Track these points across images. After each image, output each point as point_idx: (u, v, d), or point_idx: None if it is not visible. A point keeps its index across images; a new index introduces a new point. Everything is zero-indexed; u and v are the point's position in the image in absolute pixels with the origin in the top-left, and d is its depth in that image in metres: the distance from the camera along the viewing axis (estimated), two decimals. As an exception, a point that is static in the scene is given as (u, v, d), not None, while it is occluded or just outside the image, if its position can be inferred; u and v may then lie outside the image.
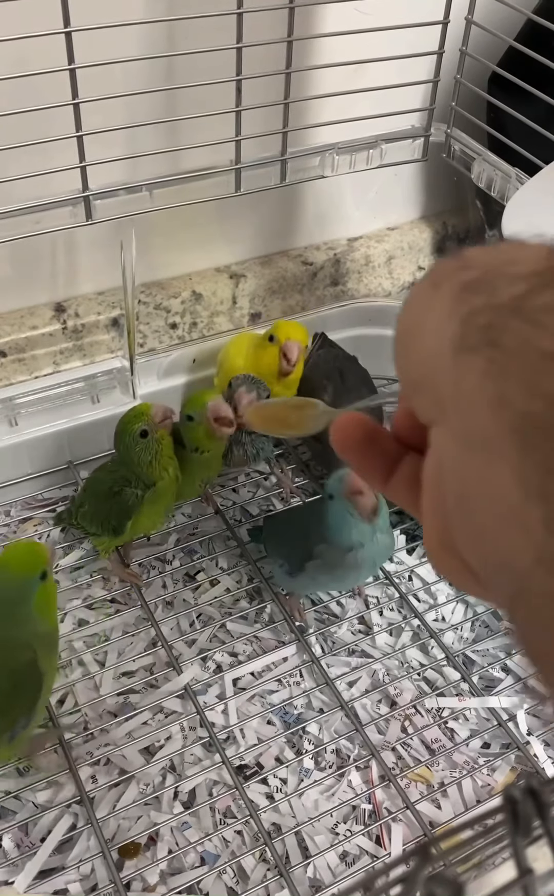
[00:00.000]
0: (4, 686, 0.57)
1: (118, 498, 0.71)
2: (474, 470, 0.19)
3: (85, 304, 0.88)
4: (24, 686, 0.58)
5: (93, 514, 0.74)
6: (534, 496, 0.17)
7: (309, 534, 0.68)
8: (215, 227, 0.92)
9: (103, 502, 0.72)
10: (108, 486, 0.72)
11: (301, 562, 0.69)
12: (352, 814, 0.64)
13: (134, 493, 0.71)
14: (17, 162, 0.63)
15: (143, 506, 0.72)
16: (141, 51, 0.66)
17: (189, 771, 0.66)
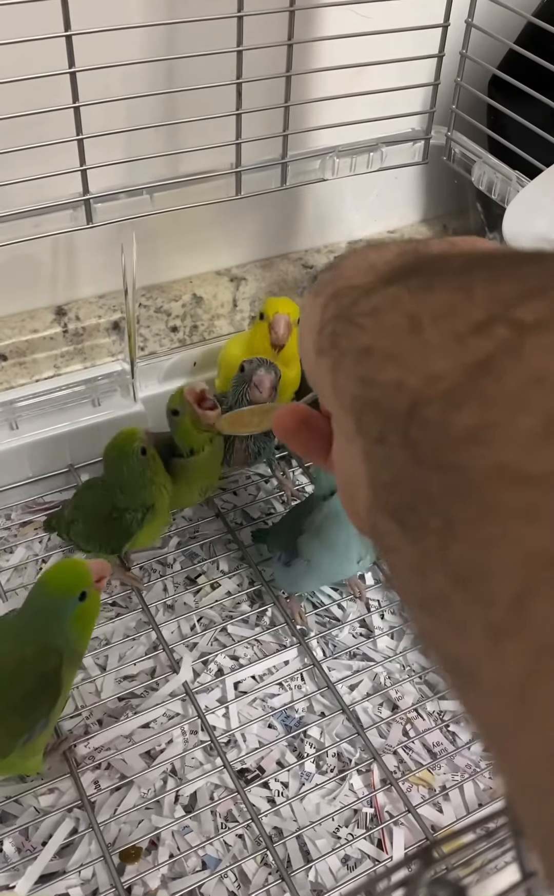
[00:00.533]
0: (31, 688, 0.58)
1: (118, 523, 0.71)
2: (339, 447, 0.23)
3: (85, 308, 0.88)
4: (48, 690, 0.59)
5: (88, 534, 0.73)
6: (364, 461, 0.21)
7: (300, 519, 0.69)
8: (216, 230, 0.92)
9: (101, 525, 0.72)
10: (107, 511, 0.71)
11: (294, 546, 0.69)
12: (353, 818, 0.64)
13: (134, 518, 0.71)
14: (17, 165, 0.63)
15: (142, 528, 0.71)
16: (141, 54, 0.66)
17: (190, 775, 0.65)
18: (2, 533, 0.84)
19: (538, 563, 0.15)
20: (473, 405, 0.17)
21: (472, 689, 0.17)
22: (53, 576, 0.61)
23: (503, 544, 0.16)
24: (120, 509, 0.71)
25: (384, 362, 0.20)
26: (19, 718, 0.58)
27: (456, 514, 0.17)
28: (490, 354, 0.18)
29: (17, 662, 0.59)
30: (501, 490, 0.16)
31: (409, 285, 0.21)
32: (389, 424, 0.20)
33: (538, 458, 0.16)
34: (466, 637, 0.17)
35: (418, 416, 0.19)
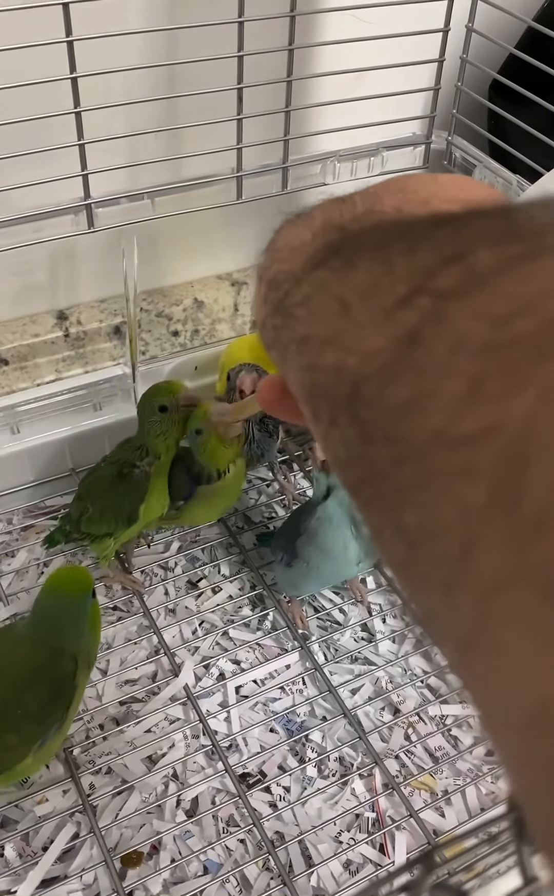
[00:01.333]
0: (47, 694, 0.59)
1: (127, 480, 0.71)
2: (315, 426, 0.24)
3: (87, 312, 0.88)
4: (63, 695, 0.59)
5: (101, 513, 0.73)
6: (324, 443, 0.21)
7: (300, 521, 0.69)
8: (217, 235, 0.92)
9: (110, 494, 0.72)
10: (114, 473, 0.72)
11: (294, 546, 0.69)
12: (355, 822, 0.64)
13: (143, 471, 0.71)
14: (18, 170, 0.63)
15: (151, 482, 0.72)
16: (142, 59, 0.66)
17: (192, 779, 0.65)
18: (3, 537, 0.84)
19: (476, 517, 0.16)
20: (406, 377, 0.18)
21: (444, 645, 0.18)
22: (64, 577, 0.63)
23: (445, 505, 0.17)
24: (128, 467, 0.71)
25: (323, 348, 0.21)
26: (34, 725, 0.58)
27: (404, 483, 0.18)
28: (416, 325, 0.18)
29: (33, 668, 0.59)
30: (438, 454, 0.17)
31: (332, 267, 0.22)
32: (337, 407, 0.20)
33: (465, 418, 0.17)
34: (430, 595, 0.17)
35: (360, 396, 0.19)
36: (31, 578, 0.80)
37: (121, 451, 0.74)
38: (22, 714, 0.58)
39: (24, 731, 0.58)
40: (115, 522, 0.73)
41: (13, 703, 0.58)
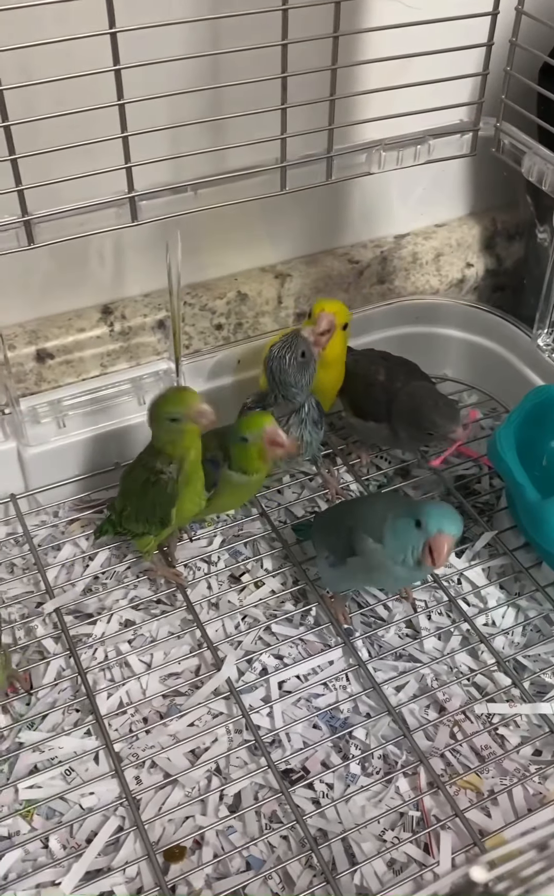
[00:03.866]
0: None
1: (156, 487, 0.71)
2: None
3: (131, 306, 0.88)
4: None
5: (136, 513, 0.74)
6: None
7: (359, 530, 0.67)
8: (260, 227, 0.91)
9: (142, 497, 0.72)
10: (144, 478, 0.72)
11: (344, 555, 0.68)
12: (399, 821, 0.63)
13: (170, 478, 0.70)
14: (62, 164, 0.63)
15: (180, 486, 0.71)
16: (185, 50, 0.66)
17: (235, 774, 0.65)
18: (49, 530, 0.85)
19: None
20: None
21: None
22: None
23: None
24: (156, 473, 0.71)
25: None
26: None
27: None
28: None
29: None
30: None
31: None
32: None
33: None
34: None
35: None
36: (77, 571, 0.80)
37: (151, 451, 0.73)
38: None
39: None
40: (149, 524, 0.73)
41: None
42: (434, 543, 0.62)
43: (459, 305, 0.97)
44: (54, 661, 0.73)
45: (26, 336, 0.84)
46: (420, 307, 0.97)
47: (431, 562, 0.62)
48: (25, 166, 0.62)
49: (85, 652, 0.73)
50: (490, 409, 0.97)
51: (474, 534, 0.82)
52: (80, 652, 0.73)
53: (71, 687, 0.71)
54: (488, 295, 1.07)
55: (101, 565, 0.81)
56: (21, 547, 0.83)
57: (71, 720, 0.69)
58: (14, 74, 0.58)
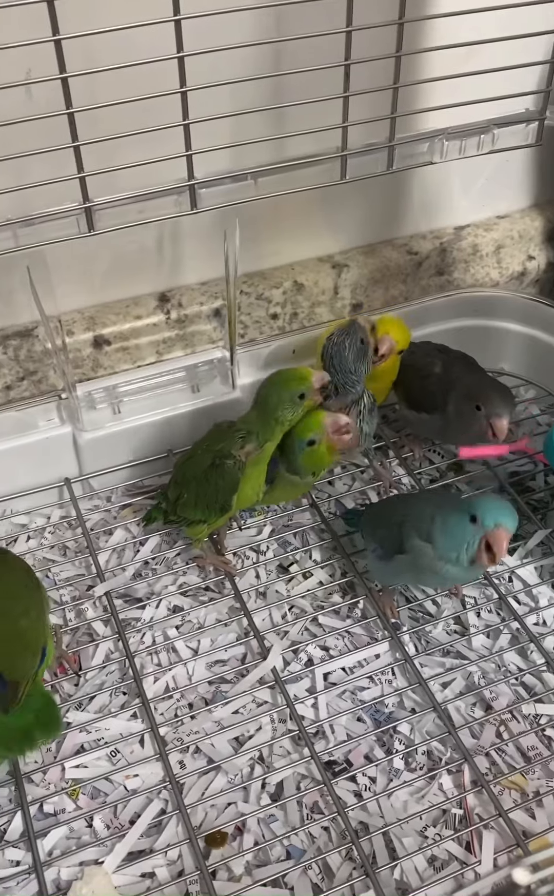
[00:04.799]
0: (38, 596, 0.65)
1: (219, 471, 0.71)
2: None
3: (188, 294, 0.88)
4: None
5: (195, 500, 0.74)
6: None
7: (407, 526, 0.66)
8: (319, 216, 0.91)
9: (203, 482, 0.73)
10: (208, 462, 0.72)
11: (392, 551, 0.67)
12: (442, 818, 0.63)
13: (238, 463, 0.71)
14: (123, 151, 0.63)
15: (247, 472, 0.71)
16: (249, 37, 0.65)
17: (277, 763, 0.65)
18: (102, 514, 0.86)
19: None
20: None
21: None
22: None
23: None
24: (220, 457, 0.71)
25: None
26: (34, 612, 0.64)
27: None
28: None
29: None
30: None
31: None
32: None
33: None
34: None
35: None
36: (128, 556, 0.81)
37: (217, 438, 0.74)
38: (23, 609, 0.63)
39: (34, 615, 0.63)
40: (208, 510, 0.73)
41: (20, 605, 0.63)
42: (492, 538, 0.61)
43: (519, 298, 0.95)
44: (103, 643, 0.74)
45: (84, 322, 0.85)
46: (479, 300, 0.95)
47: (488, 559, 0.61)
48: (86, 153, 0.62)
49: (133, 636, 0.74)
50: (547, 405, 0.96)
51: (527, 531, 0.81)
52: (129, 636, 0.73)
53: (119, 670, 0.72)
54: (550, 288, 1.05)
55: (152, 551, 0.81)
56: (74, 530, 0.84)
57: (118, 702, 0.70)
58: (79, 62, 0.58)
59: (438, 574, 0.65)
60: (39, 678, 0.62)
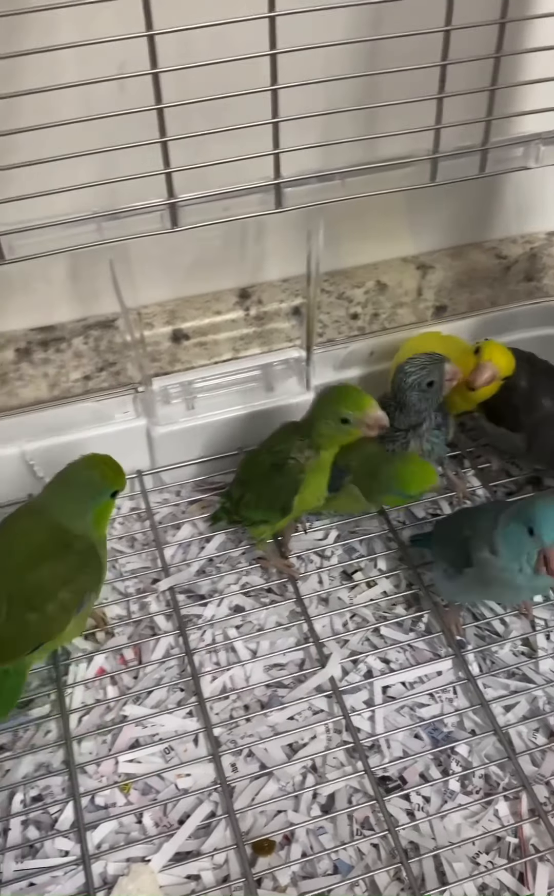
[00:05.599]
0: (75, 563, 0.65)
1: (282, 471, 0.71)
2: None
3: (269, 291, 0.87)
4: (90, 563, 0.66)
5: (257, 500, 0.73)
6: None
7: (475, 539, 0.65)
8: (405, 216, 0.89)
9: (265, 482, 0.72)
10: (270, 463, 0.72)
11: (461, 566, 0.65)
12: (495, 845, 0.61)
13: (298, 465, 0.70)
14: (210, 147, 0.63)
15: (307, 475, 0.71)
16: (345, 35, 0.63)
17: (330, 775, 0.64)
18: (171, 509, 0.86)
19: None
20: None
21: None
22: (94, 467, 0.68)
23: None
24: (283, 458, 0.70)
25: None
26: (70, 594, 0.64)
27: None
28: None
29: (55, 541, 0.65)
30: None
31: None
32: None
33: None
34: None
35: None
36: (193, 552, 0.81)
37: (281, 438, 0.73)
38: (58, 584, 0.63)
39: (62, 599, 0.63)
40: (269, 511, 0.73)
41: (47, 575, 0.64)
42: (551, 553, 0.59)
43: None
44: (164, 638, 0.74)
45: (164, 316, 0.85)
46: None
47: (547, 571, 0.59)
48: (174, 149, 0.62)
49: (193, 633, 0.74)
50: None
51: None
52: (189, 632, 0.73)
53: (177, 666, 0.72)
54: None
55: (217, 548, 0.81)
56: (143, 523, 0.84)
57: (174, 699, 0.70)
58: (171, 58, 0.58)
59: (504, 586, 0.63)
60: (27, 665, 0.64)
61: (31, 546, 0.65)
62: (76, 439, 0.82)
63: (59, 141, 0.59)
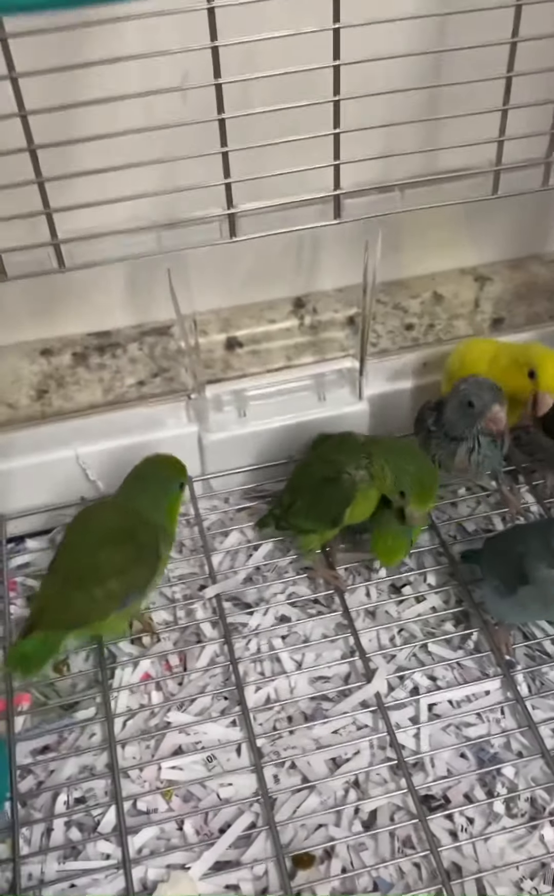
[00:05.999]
0: (131, 553, 0.67)
1: (335, 485, 0.70)
2: None
3: (323, 301, 0.87)
4: (146, 560, 0.68)
5: (307, 509, 0.73)
6: None
7: (530, 556, 0.63)
8: (464, 227, 0.88)
9: (317, 493, 0.72)
10: (322, 474, 0.71)
11: (515, 584, 0.64)
12: (541, 871, 0.59)
13: (351, 479, 0.70)
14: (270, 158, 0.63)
15: (360, 490, 0.70)
16: (408, 47, 0.63)
17: (373, 791, 0.64)
18: (219, 515, 0.86)
19: None
20: None
21: None
22: (161, 462, 0.73)
23: None
24: (337, 470, 0.70)
25: None
26: (119, 584, 0.66)
27: None
28: None
29: (120, 531, 0.68)
30: None
31: None
32: None
33: None
34: None
35: None
36: (240, 560, 0.81)
37: (336, 448, 0.73)
38: (110, 571, 0.66)
39: (109, 587, 0.65)
40: (318, 521, 0.72)
41: (104, 560, 0.66)
42: None
43: None
44: (210, 646, 0.74)
45: (219, 323, 0.86)
46: None
47: None
48: (234, 159, 0.62)
49: (239, 641, 0.74)
50: None
51: None
52: (235, 641, 0.73)
53: (222, 674, 0.72)
54: None
55: (264, 557, 0.81)
56: (192, 529, 0.85)
57: (218, 707, 0.70)
58: (235, 68, 0.58)
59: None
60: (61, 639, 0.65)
61: (102, 530, 0.69)
62: (129, 444, 0.83)
63: (120, 151, 0.60)
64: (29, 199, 0.61)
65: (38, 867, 0.61)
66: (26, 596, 0.80)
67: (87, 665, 0.73)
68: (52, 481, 0.84)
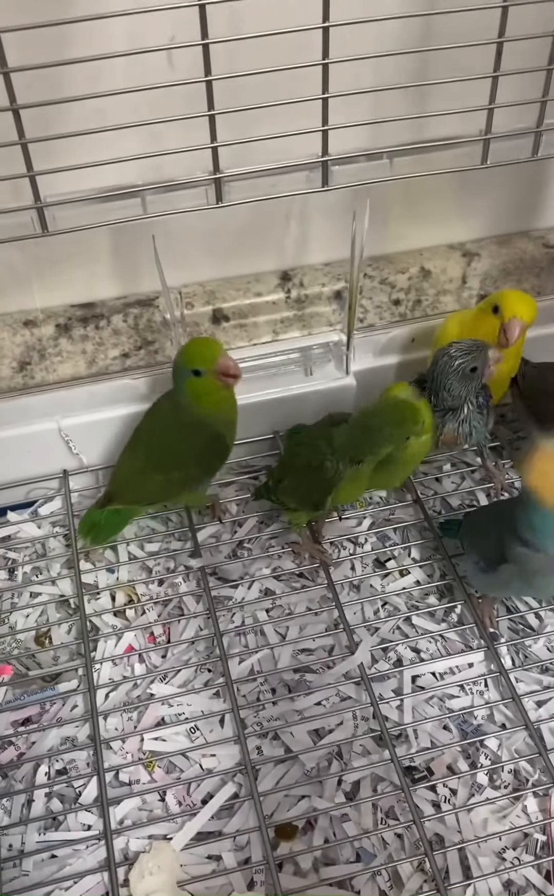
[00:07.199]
0: (202, 443, 0.73)
1: (317, 473, 0.70)
2: None
3: (310, 275, 0.86)
4: (216, 450, 0.74)
5: (293, 489, 0.73)
6: None
7: (509, 534, 0.63)
8: (453, 201, 0.87)
9: (301, 477, 0.71)
10: (306, 460, 0.71)
11: (496, 562, 0.64)
12: (522, 841, 0.60)
13: (334, 468, 0.69)
14: (258, 123, 0.62)
15: (342, 481, 0.70)
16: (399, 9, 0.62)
17: (356, 762, 0.64)
18: (203, 491, 0.85)
19: None
20: None
21: None
22: (181, 351, 0.72)
23: None
24: (320, 457, 0.69)
25: None
26: (197, 470, 0.74)
27: None
28: None
29: (188, 424, 0.73)
30: None
31: None
32: None
33: None
34: None
35: None
36: (224, 535, 0.81)
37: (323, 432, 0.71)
38: (188, 458, 0.72)
39: (185, 471, 0.73)
40: (302, 503, 0.72)
41: (184, 450, 0.72)
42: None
43: None
44: (194, 620, 0.74)
45: (205, 296, 0.85)
46: None
47: None
48: (221, 123, 0.61)
49: (223, 614, 0.74)
50: None
51: None
52: (219, 614, 0.73)
53: (206, 647, 0.72)
54: None
55: (248, 532, 0.81)
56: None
57: (202, 679, 0.70)
58: (222, 30, 0.57)
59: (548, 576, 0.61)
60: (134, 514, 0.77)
61: (169, 425, 0.74)
62: (112, 416, 0.82)
63: (105, 113, 0.59)
64: (12, 162, 0.59)
65: (19, 838, 0.61)
66: (9, 568, 0.79)
67: (70, 637, 0.73)
68: (34, 454, 0.83)
